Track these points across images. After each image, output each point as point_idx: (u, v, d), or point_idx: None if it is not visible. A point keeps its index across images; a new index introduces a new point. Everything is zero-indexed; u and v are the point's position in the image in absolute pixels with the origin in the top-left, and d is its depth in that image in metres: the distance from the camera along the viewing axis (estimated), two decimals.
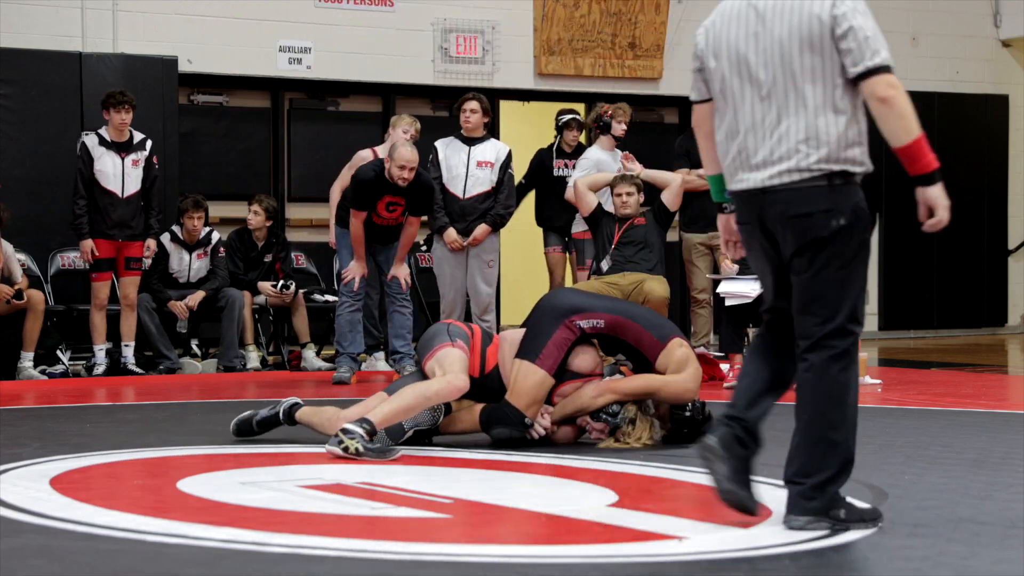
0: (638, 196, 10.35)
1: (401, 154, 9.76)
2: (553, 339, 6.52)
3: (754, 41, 4.61)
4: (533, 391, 6.50)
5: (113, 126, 10.71)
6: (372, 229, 10.11)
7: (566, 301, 6.70)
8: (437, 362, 6.43)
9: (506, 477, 5.90)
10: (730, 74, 4.66)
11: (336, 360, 10.52)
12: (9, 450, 6.43)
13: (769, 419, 7.97)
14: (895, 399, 9.06)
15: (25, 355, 10.67)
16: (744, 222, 4.72)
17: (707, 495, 5.52)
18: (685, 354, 6.66)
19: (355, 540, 4.45)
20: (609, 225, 10.35)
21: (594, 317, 6.58)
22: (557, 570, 4.12)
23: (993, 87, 16.21)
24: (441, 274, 10.79)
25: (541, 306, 6.71)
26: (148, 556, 4.26)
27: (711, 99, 4.78)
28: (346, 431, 6.11)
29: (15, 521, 4.73)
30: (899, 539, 4.48)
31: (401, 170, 9.74)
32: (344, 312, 10.27)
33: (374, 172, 9.93)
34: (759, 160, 4.59)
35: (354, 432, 6.10)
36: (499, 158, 10.69)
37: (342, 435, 6.11)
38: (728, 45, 4.66)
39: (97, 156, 10.69)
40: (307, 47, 13.16)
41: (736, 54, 4.64)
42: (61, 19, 12.29)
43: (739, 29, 4.64)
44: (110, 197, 10.72)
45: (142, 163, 10.84)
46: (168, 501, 5.25)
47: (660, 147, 11.78)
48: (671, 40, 14.44)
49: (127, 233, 10.80)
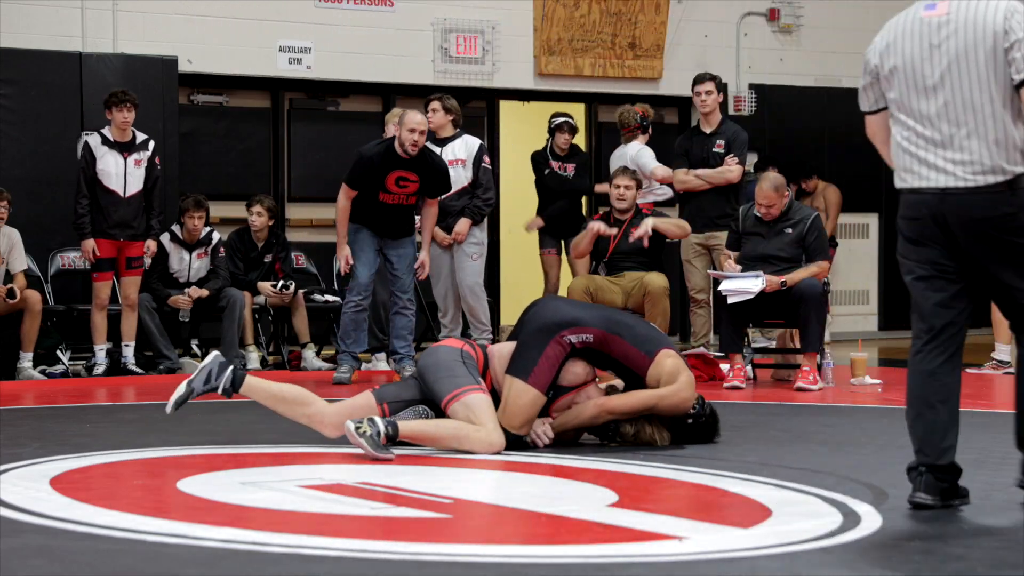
0: (635, 191, 10.41)
1: (411, 117, 9.70)
2: (544, 355, 6.44)
3: (931, 53, 4.95)
4: (526, 411, 6.45)
5: (116, 125, 10.70)
6: (380, 211, 9.98)
7: (556, 315, 6.56)
8: (469, 409, 6.34)
9: (506, 477, 5.90)
10: (907, 87, 4.99)
11: (337, 359, 10.49)
12: (9, 450, 6.42)
13: (769, 419, 7.98)
14: (895, 399, 9.05)
15: (24, 355, 10.67)
16: (913, 217, 5.00)
17: (707, 495, 5.52)
18: (675, 364, 6.57)
19: (355, 540, 4.45)
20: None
21: (584, 332, 6.51)
22: (557, 570, 4.12)
23: None
24: (433, 273, 10.79)
25: (530, 319, 6.60)
26: (148, 556, 4.26)
27: (884, 108, 5.12)
28: (372, 421, 6.14)
29: (15, 521, 4.73)
30: (899, 539, 4.48)
31: (411, 133, 9.64)
32: (348, 311, 10.19)
33: (383, 147, 9.84)
34: (939, 164, 4.92)
35: (378, 426, 6.12)
36: (471, 154, 10.68)
37: (367, 423, 6.13)
38: (904, 59, 5.00)
39: (100, 155, 10.69)
40: (307, 47, 13.16)
41: (913, 67, 4.98)
42: (61, 19, 12.29)
43: (915, 43, 4.98)
44: (112, 197, 10.72)
45: (144, 163, 10.84)
46: (168, 501, 5.25)
47: (660, 147, 11.77)
48: (671, 40, 14.44)
49: (128, 233, 10.80)
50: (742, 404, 8.79)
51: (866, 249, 15.48)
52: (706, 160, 10.93)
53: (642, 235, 10.23)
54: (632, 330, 6.63)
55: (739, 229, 9.95)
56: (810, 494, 5.31)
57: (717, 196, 10.90)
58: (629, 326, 6.66)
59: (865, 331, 15.25)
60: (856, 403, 8.86)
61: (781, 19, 15.01)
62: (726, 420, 6.96)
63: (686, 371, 6.61)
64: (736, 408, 8.20)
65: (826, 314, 9.82)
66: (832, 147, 15.13)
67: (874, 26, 17.52)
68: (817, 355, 9.59)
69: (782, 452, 6.55)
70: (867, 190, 15.13)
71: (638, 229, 10.28)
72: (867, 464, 6.09)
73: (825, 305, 9.78)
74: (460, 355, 6.51)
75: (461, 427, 6.31)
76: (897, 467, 5.93)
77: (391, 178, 9.85)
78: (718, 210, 10.87)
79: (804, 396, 9.19)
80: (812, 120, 15.16)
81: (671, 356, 6.59)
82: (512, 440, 6.47)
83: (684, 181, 11.02)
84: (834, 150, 15.09)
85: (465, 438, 6.29)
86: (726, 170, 10.87)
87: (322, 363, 11.52)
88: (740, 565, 4.19)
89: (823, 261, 9.68)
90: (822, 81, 15.22)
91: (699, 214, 10.89)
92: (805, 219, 9.73)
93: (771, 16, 14.99)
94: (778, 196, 9.68)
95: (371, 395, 6.59)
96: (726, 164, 10.88)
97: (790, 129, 14.95)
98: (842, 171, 14.84)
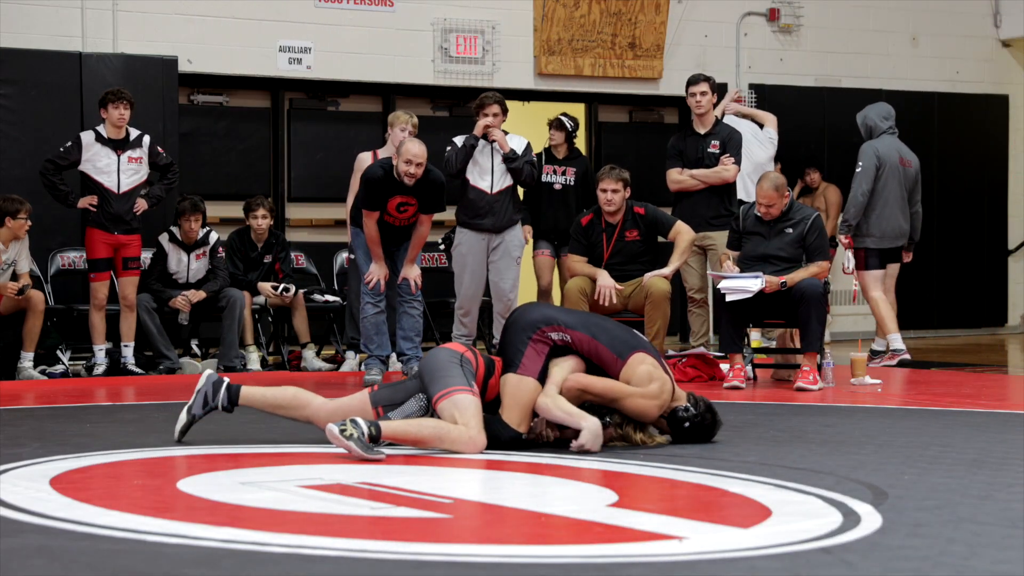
0: (624, 192, 10.13)
1: (408, 148, 9.65)
2: (529, 348, 6.52)
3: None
4: (526, 401, 6.48)
5: (111, 122, 10.72)
6: (386, 230, 10.00)
7: (536, 314, 6.68)
8: (455, 407, 6.34)
9: (506, 477, 5.90)
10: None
11: (365, 363, 10.43)
12: (9, 450, 6.42)
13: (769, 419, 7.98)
14: (895, 399, 9.07)
15: (25, 355, 10.68)
16: None
17: (707, 495, 5.52)
18: (647, 371, 6.50)
19: (355, 540, 4.45)
20: (597, 235, 10.20)
21: (562, 331, 6.56)
22: (557, 570, 4.12)
23: (993, 87, 16.22)
24: (462, 268, 10.66)
25: (510, 324, 6.71)
26: (148, 556, 4.26)
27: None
28: (355, 423, 6.14)
29: (15, 521, 4.73)
30: (899, 539, 4.48)
31: (408, 165, 9.62)
32: (368, 315, 10.16)
33: (383, 170, 9.82)
34: None
35: (361, 427, 6.12)
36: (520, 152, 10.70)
37: (350, 424, 6.13)
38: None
39: (93, 152, 10.71)
40: (307, 47, 13.16)
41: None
42: (61, 19, 12.29)
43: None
44: (105, 192, 10.74)
45: (144, 159, 10.85)
46: (168, 501, 5.25)
47: (660, 147, 11.77)
48: (671, 40, 14.45)
49: (123, 228, 10.81)
50: (742, 404, 8.79)
51: None
52: (701, 160, 10.92)
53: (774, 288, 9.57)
54: (609, 333, 6.62)
55: (739, 229, 9.94)
56: (810, 494, 5.31)
57: (711, 196, 10.89)
58: (606, 329, 6.66)
59: (865, 331, 15.25)
60: (856, 403, 8.85)
61: (781, 19, 15.01)
62: (726, 420, 6.95)
63: (661, 380, 6.53)
64: (736, 408, 8.20)
65: (826, 314, 9.82)
66: (832, 147, 15.13)
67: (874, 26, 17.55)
68: (817, 355, 9.59)
69: (782, 452, 6.55)
70: None
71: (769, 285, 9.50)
72: (867, 464, 6.09)
73: (825, 305, 9.78)
74: (459, 359, 6.52)
75: (442, 426, 6.31)
76: (897, 467, 5.94)
77: (392, 204, 9.87)
78: (712, 210, 10.86)
79: (804, 396, 9.19)
80: (812, 120, 15.16)
81: (645, 362, 6.53)
82: (512, 440, 6.48)
83: (679, 181, 10.99)
84: (834, 150, 15.09)
85: (447, 436, 6.29)
86: (722, 169, 10.86)
87: (322, 363, 11.52)
88: (740, 565, 4.19)
89: (823, 261, 9.68)
90: (822, 81, 15.22)
91: (693, 214, 10.85)
92: (806, 219, 9.73)
93: (771, 16, 15.00)
94: (778, 196, 9.68)
95: (367, 397, 6.60)
96: (722, 164, 10.87)
97: (790, 129, 14.94)
98: (842, 171, 14.82)
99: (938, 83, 15.81)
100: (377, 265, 10.05)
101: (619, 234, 10.19)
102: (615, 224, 10.20)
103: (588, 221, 10.28)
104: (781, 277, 9.51)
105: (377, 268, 10.06)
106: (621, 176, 10.12)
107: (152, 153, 10.91)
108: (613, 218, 10.20)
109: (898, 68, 15.66)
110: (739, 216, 10.03)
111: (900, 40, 15.68)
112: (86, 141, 10.75)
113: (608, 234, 10.20)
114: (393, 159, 9.80)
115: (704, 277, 10.90)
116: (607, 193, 10.08)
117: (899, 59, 15.70)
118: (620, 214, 10.18)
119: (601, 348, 6.56)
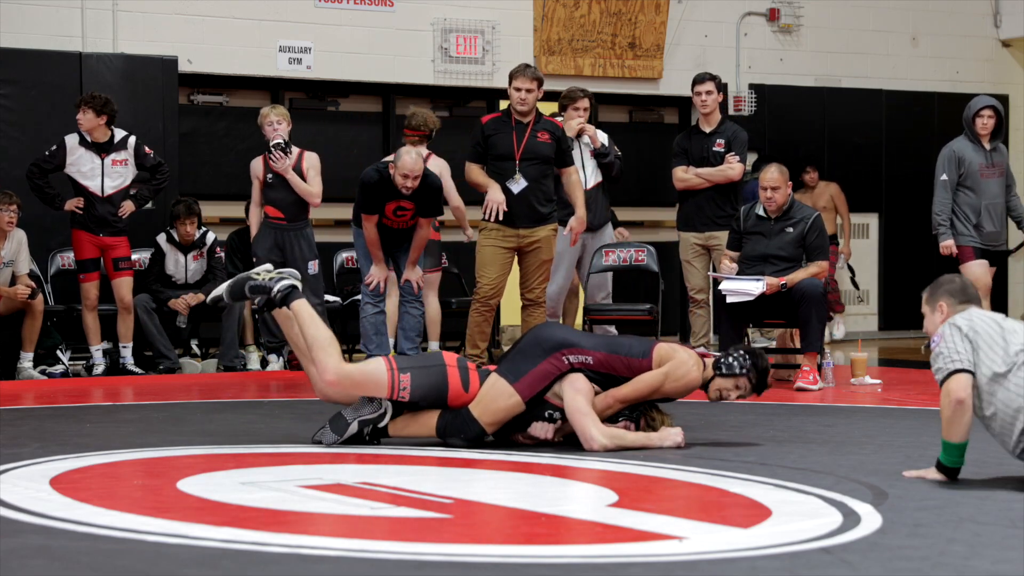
0: (537, 93, 9.82)
1: (404, 163, 9.62)
2: (538, 368, 6.52)
3: None
4: (502, 413, 6.53)
5: (80, 126, 10.74)
6: (385, 233, 10.00)
7: (557, 335, 6.69)
8: (366, 362, 6.62)
9: (506, 477, 5.91)
10: None
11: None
12: (9, 450, 6.43)
13: (769, 419, 7.98)
14: (895, 399, 9.07)
15: (25, 355, 10.67)
16: None
17: (707, 495, 5.52)
18: (669, 347, 6.70)
19: (355, 540, 4.45)
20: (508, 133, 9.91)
21: (583, 354, 6.59)
22: (557, 570, 4.12)
23: (993, 87, 16.20)
24: (557, 264, 10.52)
25: (534, 333, 6.77)
26: (148, 556, 4.26)
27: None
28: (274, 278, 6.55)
29: (15, 521, 4.73)
30: (899, 539, 4.48)
31: (404, 179, 9.61)
32: (368, 315, 10.16)
33: (379, 175, 9.83)
34: None
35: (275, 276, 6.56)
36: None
37: (263, 272, 6.56)
38: None
39: (76, 155, 10.71)
40: (307, 47, 13.15)
41: None
42: (61, 19, 12.28)
43: None
44: (89, 195, 10.74)
45: (129, 161, 10.83)
46: (168, 501, 5.25)
47: (660, 147, 11.77)
48: (671, 40, 14.44)
49: (108, 230, 10.80)
50: (742, 404, 8.78)
51: (866, 249, 15.46)
52: (706, 159, 10.92)
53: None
54: (625, 343, 6.77)
55: (740, 228, 9.94)
56: (810, 494, 5.32)
57: (716, 195, 10.88)
58: (621, 342, 6.80)
59: (865, 331, 15.25)
60: (856, 403, 8.86)
61: (781, 19, 15.00)
62: (726, 420, 6.96)
63: (682, 350, 6.72)
64: (736, 408, 8.20)
65: (826, 314, 9.82)
66: (832, 147, 15.13)
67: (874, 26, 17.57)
68: (817, 355, 9.60)
69: (782, 452, 6.55)
70: (867, 190, 15.13)
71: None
72: (867, 464, 6.09)
73: (825, 305, 9.79)
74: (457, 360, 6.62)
75: (331, 345, 6.47)
76: (897, 467, 5.94)
77: (389, 208, 9.87)
78: (717, 209, 10.85)
79: (804, 396, 9.20)
80: (812, 120, 15.16)
81: (663, 346, 6.72)
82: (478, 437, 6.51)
83: (684, 179, 10.99)
84: (834, 150, 15.08)
85: (323, 351, 6.42)
86: (727, 168, 10.85)
87: None
88: (740, 565, 4.19)
89: (823, 261, 9.68)
90: (822, 81, 15.22)
91: (698, 213, 10.87)
92: (806, 219, 9.74)
93: (771, 16, 14.99)
94: (783, 179, 9.71)
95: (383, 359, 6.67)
96: (727, 162, 10.86)
97: (790, 129, 14.95)
98: (842, 171, 14.83)
99: (938, 83, 15.80)
100: (377, 267, 10.06)
101: (530, 133, 9.95)
102: (526, 124, 9.95)
103: (491, 119, 10.06)
104: (781, 278, 9.51)
105: (377, 270, 10.07)
106: (536, 75, 9.90)
107: (139, 154, 10.88)
108: (524, 117, 9.92)
109: (898, 68, 15.66)
110: (739, 216, 10.03)
111: (900, 40, 15.68)
112: (70, 145, 10.74)
113: (519, 133, 9.94)
114: (391, 168, 9.77)
115: (707, 278, 10.89)
116: (520, 92, 9.84)
117: (899, 59, 15.70)
118: (532, 115, 9.95)
119: (623, 358, 6.62)
